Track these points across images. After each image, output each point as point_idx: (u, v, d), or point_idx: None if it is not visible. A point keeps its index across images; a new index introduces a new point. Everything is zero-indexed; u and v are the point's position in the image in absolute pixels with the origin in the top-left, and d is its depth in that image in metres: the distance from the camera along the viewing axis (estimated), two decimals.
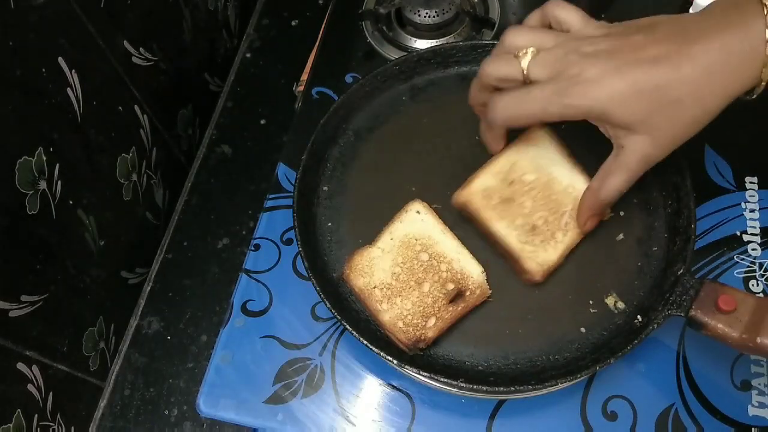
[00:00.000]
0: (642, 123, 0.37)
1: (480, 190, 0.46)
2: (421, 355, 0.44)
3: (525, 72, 0.40)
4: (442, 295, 0.44)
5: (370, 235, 0.46)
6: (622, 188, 0.41)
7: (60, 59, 0.48)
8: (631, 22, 0.40)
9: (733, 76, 0.36)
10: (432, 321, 0.43)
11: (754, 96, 0.38)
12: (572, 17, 0.42)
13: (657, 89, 0.36)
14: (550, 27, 0.43)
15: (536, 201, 0.45)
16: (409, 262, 0.45)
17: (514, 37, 0.42)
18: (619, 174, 0.40)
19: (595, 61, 0.37)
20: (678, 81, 0.36)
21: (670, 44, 0.37)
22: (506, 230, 0.45)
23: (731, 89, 0.37)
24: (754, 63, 0.35)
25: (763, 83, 0.36)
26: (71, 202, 0.51)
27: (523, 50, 0.40)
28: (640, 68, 0.37)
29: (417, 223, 0.46)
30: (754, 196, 0.52)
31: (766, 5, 0.35)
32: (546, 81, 0.39)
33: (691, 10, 0.62)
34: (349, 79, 0.62)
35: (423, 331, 0.43)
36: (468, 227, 0.47)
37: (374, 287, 0.44)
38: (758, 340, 0.37)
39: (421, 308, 0.44)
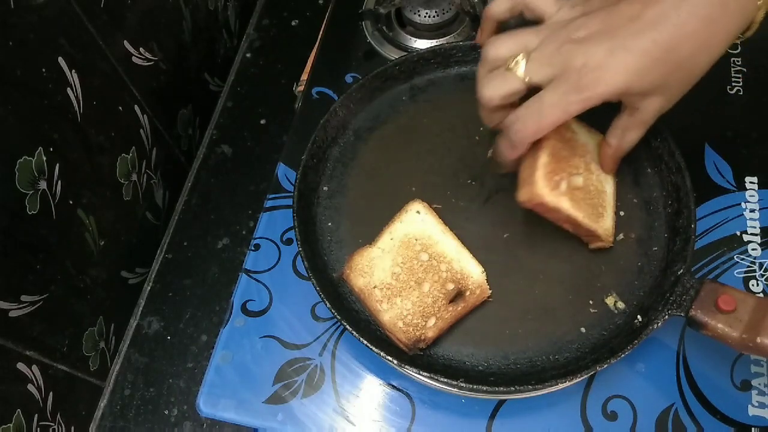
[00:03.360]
0: (660, 86, 0.38)
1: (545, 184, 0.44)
2: (421, 355, 0.44)
3: (526, 81, 0.39)
4: (442, 295, 0.44)
5: (370, 235, 0.46)
6: (638, 140, 0.42)
7: (60, 59, 0.48)
8: None
9: (733, 19, 0.36)
10: (432, 321, 0.43)
11: (745, 37, 0.39)
12: (543, 1, 0.41)
13: (668, 52, 0.36)
14: (521, 15, 0.43)
15: (584, 170, 0.45)
16: (409, 262, 0.45)
17: (496, 48, 0.40)
18: (637, 129, 0.41)
19: (597, 44, 0.37)
20: (685, 38, 0.36)
21: (664, 2, 0.36)
22: (578, 212, 0.44)
23: (732, 32, 0.37)
24: (750, 3, 0.36)
25: (756, 23, 0.37)
26: (71, 202, 0.51)
27: (511, 60, 0.39)
28: (645, 36, 0.36)
29: (417, 223, 0.46)
30: (754, 196, 0.52)
31: None
32: (554, 82, 0.38)
33: None
34: (349, 79, 0.62)
35: (423, 331, 0.43)
36: (469, 227, 0.47)
37: (374, 287, 0.44)
38: (758, 339, 0.37)
39: (421, 308, 0.43)
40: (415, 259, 0.45)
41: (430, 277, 0.44)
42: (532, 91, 0.39)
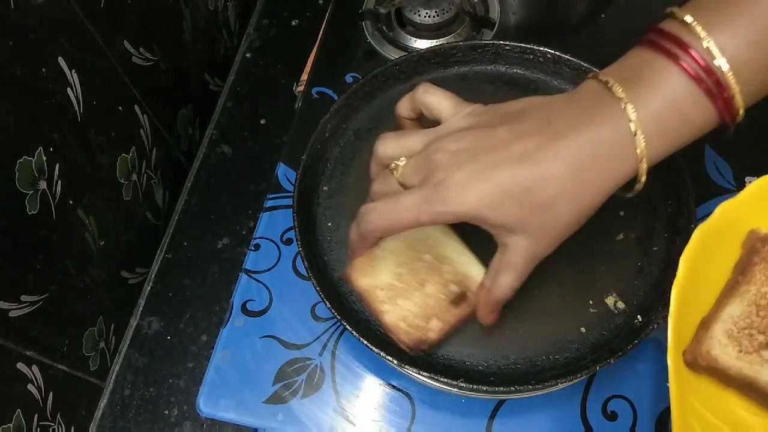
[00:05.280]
0: (518, 224, 0.36)
1: None
2: (422, 355, 0.44)
3: (402, 183, 0.39)
4: (444, 296, 0.44)
5: None
6: (514, 285, 0.39)
7: (60, 59, 0.48)
8: (501, 106, 0.38)
9: (606, 172, 0.34)
10: (434, 322, 0.43)
11: (633, 194, 0.36)
12: (442, 104, 0.40)
13: (526, 192, 0.34)
14: (421, 115, 0.42)
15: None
16: (412, 263, 0.44)
17: (384, 148, 0.40)
18: (507, 273, 0.38)
19: (461, 163, 0.35)
20: (545, 182, 0.34)
21: (536, 138, 0.34)
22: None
23: (605, 185, 0.35)
24: (626, 157, 0.34)
25: (642, 179, 0.34)
26: (71, 202, 0.51)
27: (394, 162, 0.39)
28: (505, 170, 0.34)
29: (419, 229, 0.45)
30: None
31: (623, 99, 0.33)
32: (416, 187, 0.37)
33: None
34: (349, 79, 0.62)
35: (425, 333, 0.43)
36: (469, 227, 0.47)
37: (376, 288, 0.44)
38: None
39: (423, 309, 0.43)
40: (418, 260, 0.45)
41: (432, 278, 0.44)
42: None
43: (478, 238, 0.46)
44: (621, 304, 0.45)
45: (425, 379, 0.45)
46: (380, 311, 0.43)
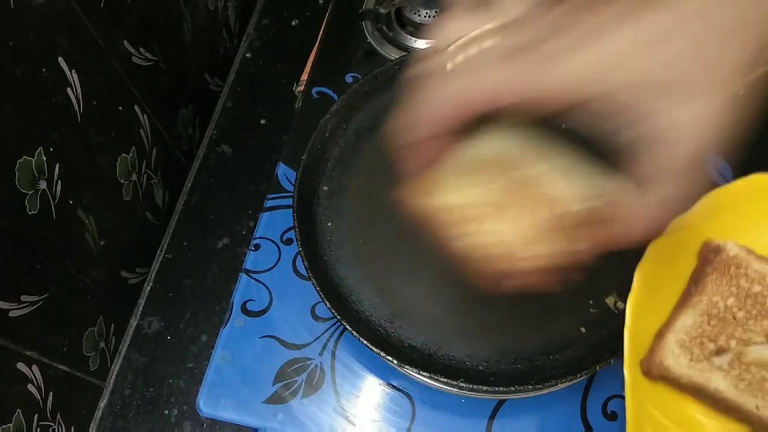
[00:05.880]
0: (683, 77, 0.24)
1: None
2: (421, 355, 0.44)
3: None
4: (558, 219, 0.31)
5: (370, 235, 0.46)
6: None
7: (60, 59, 0.48)
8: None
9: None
10: (529, 249, 0.31)
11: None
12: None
13: (666, 36, 0.24)
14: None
15: None
16: (492, 180, 0.32)
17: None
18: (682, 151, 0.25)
19: (566, 30, 0.25)
20: (686, 25, 0.24)
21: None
22: None
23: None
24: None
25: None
26: (71, 202, 0.51)
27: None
28: (635, 23, 0.24)
29: (497, 142, 0.33)
30: None
31: None
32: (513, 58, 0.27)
33: None
34: (349, 79, 0.62)
35: (515, 263, 0.32)
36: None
37: (444, 210, 0.33)
38: None
39: (516, 235, 0.31)
40: (507, 179, 0.32)
41: (530, 196, 0.32)
42: None
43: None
44: (621, 304, 0.45)
45: (425, 379, 0.45)
46: (450, 237, 0.32)
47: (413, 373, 0.44)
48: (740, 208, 0.39)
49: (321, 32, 0.67)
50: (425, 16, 0.62)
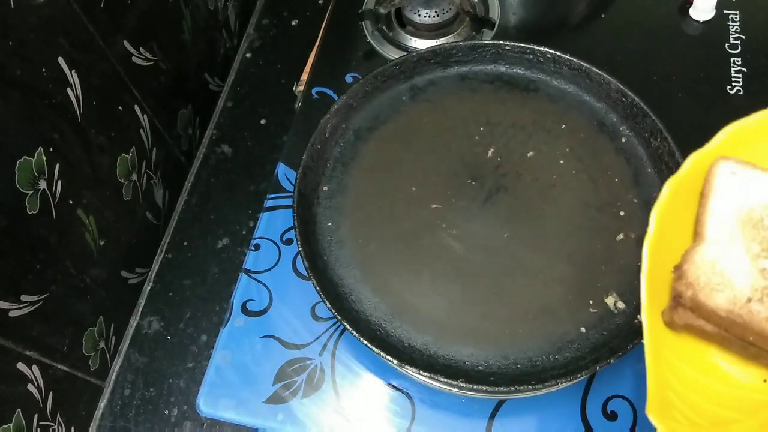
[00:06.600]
0: None
1: None
2: (421, 355, 0.44)
3: None
4: None
5: (370, 235, 0.46)
6: None
7: (60, 59, 0.48)
8: None
9: None
10: None
11: None
12: None
13: None
14: None
15: None
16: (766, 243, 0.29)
17: None
18: None
19: None
20: None
21: None
22: None
23: None
24: None
25: None
26: (71, 202, 0.51)
27: None
28: None
29: (744, 189, 0.31)
30: None
31: None
32: None
33: (691, 11, 0.62)
34: (349, 79, 0.62)
35: None
36: (469, 227, 0.47)
37: (748, 300, 0.30)
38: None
39: None
40: None
41: None
42: None
43: (478, 237, 0.46)
44: (621, 304, 0.45)
45: (425, 379, 0.45)
46: None
47: (413, 373, 0.44)
48: (760, 141, 0.37)
49: (321, 32, 0.67)
50: (425, 16, 0.62)
